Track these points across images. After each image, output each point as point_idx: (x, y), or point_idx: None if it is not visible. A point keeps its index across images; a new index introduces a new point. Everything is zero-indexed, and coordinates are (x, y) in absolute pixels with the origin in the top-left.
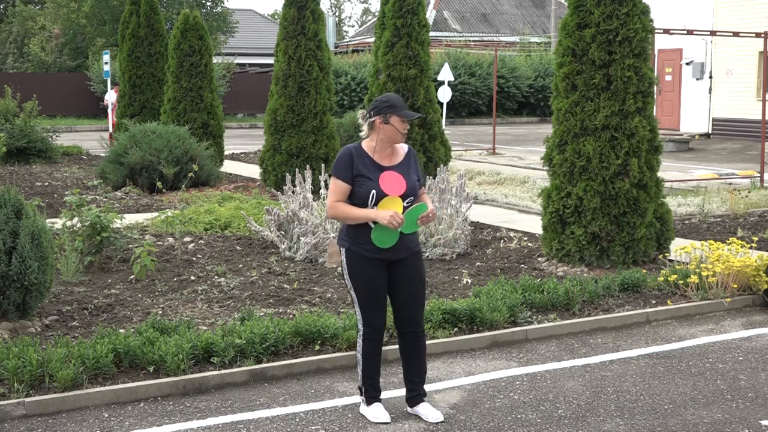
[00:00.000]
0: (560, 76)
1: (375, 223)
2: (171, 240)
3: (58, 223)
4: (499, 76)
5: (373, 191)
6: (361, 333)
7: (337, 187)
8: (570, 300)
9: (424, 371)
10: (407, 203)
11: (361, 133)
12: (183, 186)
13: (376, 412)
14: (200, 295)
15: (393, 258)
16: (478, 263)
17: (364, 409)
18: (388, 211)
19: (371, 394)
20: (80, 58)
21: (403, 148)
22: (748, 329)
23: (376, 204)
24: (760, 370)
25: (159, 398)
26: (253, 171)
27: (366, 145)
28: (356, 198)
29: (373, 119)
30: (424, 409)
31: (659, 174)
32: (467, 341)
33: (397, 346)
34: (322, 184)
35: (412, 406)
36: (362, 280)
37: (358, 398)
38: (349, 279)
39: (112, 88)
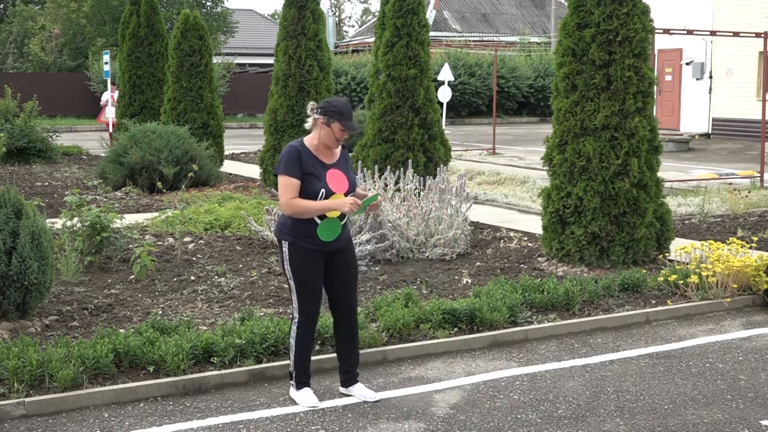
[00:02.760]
0: (560, 76)
1: (321, 219)
2: (171, 240)
3: (58, 223)
4: (499, 76)
5: (323, 189)
6: (296, 321)
7: (290, 184)
8: (570, 300)
9: (358, 354)
10: None
11: (306, 125)
12: (183, 186)
13: (306, 397)
14: (200, 295)
15: (334, 249)
16: (478, 263)
17: (294, 394)
18: (346, 199)
19: (302, 380)
20: (80, 58)
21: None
22: (748, 329)
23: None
24: (760, 370)
25: (159, 398)
26: (253, 171)
27: (309, 143)
28: (304, 195)
29: (317, 117)
30: (359, 390)
31: (659, 174)
32: (467, 341)
33: (394, 347)
34: None
35: (346, 386)
36: (303, 272)
37: (356, 399)
38: (291, 271)
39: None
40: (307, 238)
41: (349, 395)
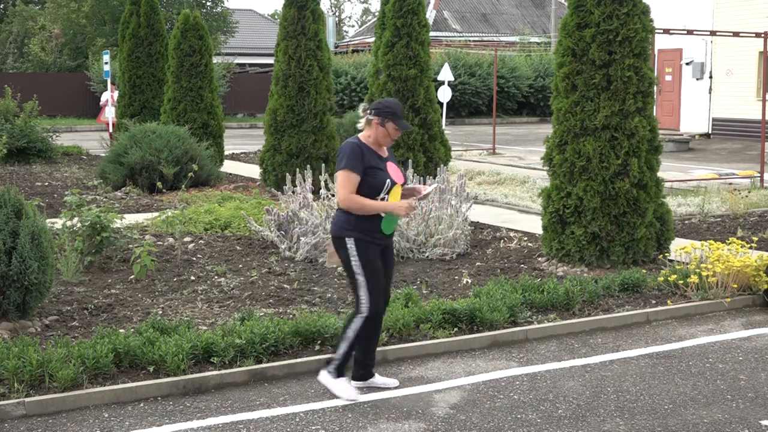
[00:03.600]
0: (560, 76)
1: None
2: (171, 240)
3: (58, 223)
4: (499, 76)
5: (388, 180)
6: (364, 316)
7: (350, 179)
8: (570, 300)
9: None
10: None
11: (359, 125)
12: (183, 186)
13: (345, 388)
14: (200, 295)
15: (387, 243)
16: (478, 263)
17: (329, 380)
18: (402, 202)
19: (342, 369)
20: (80, 58)
21: None
22: (748, 329)
23: (388, 192)
24: (760, 370)
25: (159, 398)
26: (253, 171)
27: (365, 138)
28: (368, 187)
29: (372, 118)
30: (381, 379)
31: (659, 174)
32: (467, 341)
33: (394, 347)
34: (322, 184)
35: (365, 379)
36: (372, 265)
37: (363, 397)
38: (360, 266)
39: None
40: (372, 233)
41: (369, 387)
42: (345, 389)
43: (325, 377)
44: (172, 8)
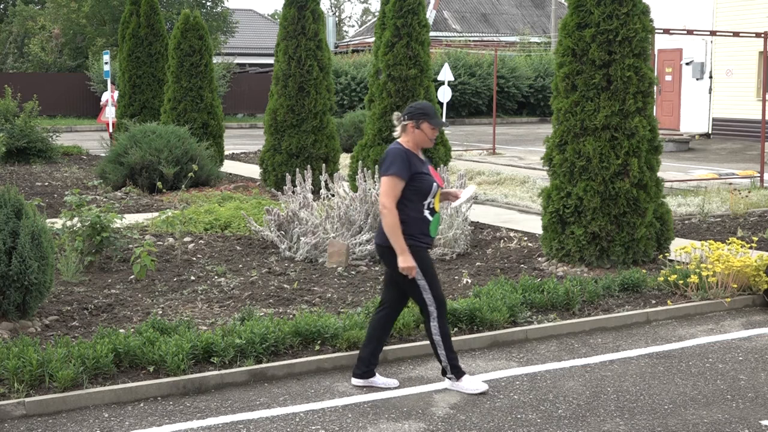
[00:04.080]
0: (560, 76)
1: (432, 215)
2: (171, 240)
3: (58, 223)
4: (499, 76)
5: (435, 184)
6: (435, 316)
7: (396, 186)
8: (570, 300)
9: None
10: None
11: (395, 133)
12: (183, 186)
13: (477, 382)
14: (200, 295)
15: (430, 245)
16: (478, 263)
17: (459, 385)
18: (410, 262)
19: (460, 368)
20: (80, 58)
21: None
22: (748, 329)
23: (434, 196)
24: (760, 370)
25: (159, 398)
26: (253, 171)
27: (406, 144)
28: (416, 193)
29: (406, 123)
30: (381, 379)
31: (659, 174)
32: (467, 341)
33: (394, 347)
34: (323, 184)
35: (366, 378)
36: (428, 266)
37: (363, 397)
38: (421, 272)
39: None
40: (421, 238)
41: (369, 387)
42: (473, 383)
43: (451, 384)
44: (172, 8)
